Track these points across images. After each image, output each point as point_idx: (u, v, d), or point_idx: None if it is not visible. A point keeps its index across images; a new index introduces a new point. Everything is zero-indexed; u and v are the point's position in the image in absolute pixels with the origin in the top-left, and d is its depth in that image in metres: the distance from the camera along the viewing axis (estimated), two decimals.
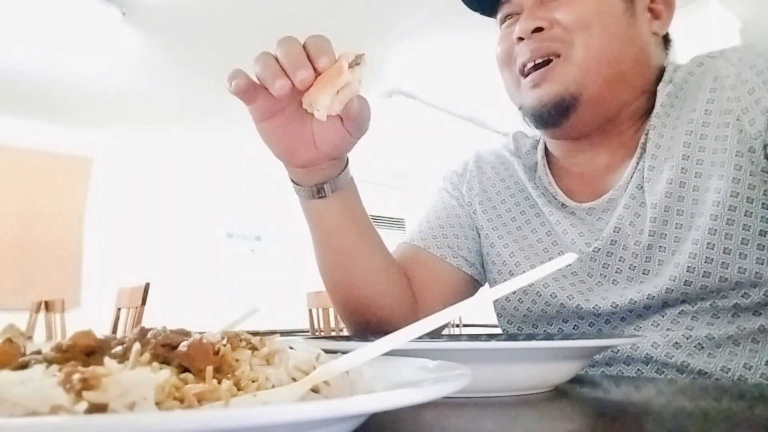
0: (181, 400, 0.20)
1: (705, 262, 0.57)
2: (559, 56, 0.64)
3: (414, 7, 2.82)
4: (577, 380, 0.48)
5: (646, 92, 0.67)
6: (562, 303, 0.66)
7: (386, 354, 0.25)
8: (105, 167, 4.55)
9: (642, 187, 0.64)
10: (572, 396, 0.40)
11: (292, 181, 0.62)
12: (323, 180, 0.60)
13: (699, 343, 0.57)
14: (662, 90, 0.66)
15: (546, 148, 0.77)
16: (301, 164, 0.58)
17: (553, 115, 0.65)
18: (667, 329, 0.59)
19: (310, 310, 2.87)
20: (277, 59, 0.48)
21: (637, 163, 0.65)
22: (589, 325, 0.65)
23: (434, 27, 3.01)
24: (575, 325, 0.66)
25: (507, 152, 0.81)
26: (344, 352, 0.26)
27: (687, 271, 0.57)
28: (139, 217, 4.65)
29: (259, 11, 2.80)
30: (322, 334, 2.70)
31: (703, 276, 0.57)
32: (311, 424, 0.19)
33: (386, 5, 2.80)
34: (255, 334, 0.28)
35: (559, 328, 0.68)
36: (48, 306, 3.33)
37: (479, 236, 0.78)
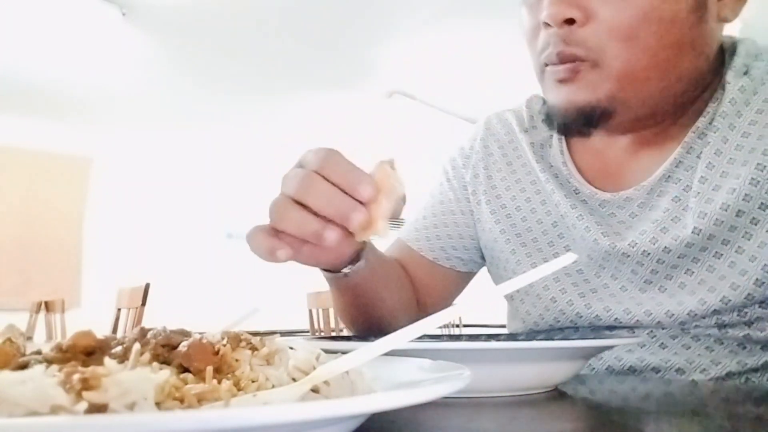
0: (181, 400, 0.20)
1: (754, 284, 0.51)
2: (585, 62, 0.53)
3: (414, 7, 2.82)
4: (577, 380, 0.48)
5: (703, 84, 0.57)
6: (560, 310, 0.63)
7: (386, 354, 0.25)
8: (105, 167, 4.54)
9: (690, 188, 0.55)
10: (572, 396, 0.40)
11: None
12: (353, 261, 0.55)
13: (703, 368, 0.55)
14: (734, 82, 0.54)
15: None
16: (333, 267, 0.55)
17: (579, 124, 0.56)
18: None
19: (310, 311, 2.87)
20: (302, 205, 0.42)
21: (677, 165, 0.57)
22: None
23: (434, 27, 3.00)
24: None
25: (517, 124, 0.72)
26: (344, 352, 0.26)
27: (732, 289, 0.52)
28: (139, 217, 4.65)
29: (259, 11, 2.80)
30: (322, 334, 2.70)
31: (745, 298, 0.52)
32: (311, 424, 0.19)
33: (386, 5, 2.80)
34: (255, 334, 0.28)
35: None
36: (48, 306, 3.33)
37: (476, 230, 0.73)
